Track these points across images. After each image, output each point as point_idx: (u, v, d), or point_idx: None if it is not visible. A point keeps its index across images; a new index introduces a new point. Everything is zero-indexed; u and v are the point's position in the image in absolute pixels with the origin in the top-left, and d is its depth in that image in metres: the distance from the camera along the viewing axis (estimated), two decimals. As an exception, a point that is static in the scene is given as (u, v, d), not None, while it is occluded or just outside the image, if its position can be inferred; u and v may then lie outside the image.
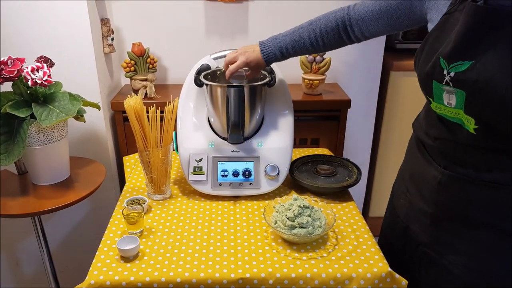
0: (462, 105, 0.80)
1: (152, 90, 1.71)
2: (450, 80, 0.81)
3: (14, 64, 1.21)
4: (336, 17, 1.13)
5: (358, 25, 1.10)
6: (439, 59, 0.82)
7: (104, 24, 1.63)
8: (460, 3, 0.82)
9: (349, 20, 1.11)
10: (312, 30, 1.15)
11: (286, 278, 0.96)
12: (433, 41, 0.87)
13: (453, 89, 0.81)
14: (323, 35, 1.15)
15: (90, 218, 1.79)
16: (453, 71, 0.80)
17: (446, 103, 0.84)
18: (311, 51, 1.20)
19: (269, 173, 1.26)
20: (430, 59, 0.85)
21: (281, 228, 1.06)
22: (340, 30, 1.13)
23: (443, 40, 0.83)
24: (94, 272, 0.97)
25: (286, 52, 1.19)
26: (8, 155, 1.22)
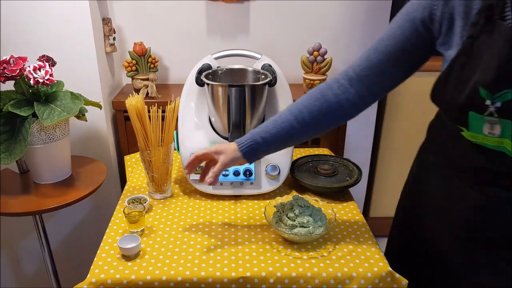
0: (509, 134, 0.75)
1: (153, 90, 1.71)
2: (495, 110, 0.74)
3: (16, 63, 1.22)
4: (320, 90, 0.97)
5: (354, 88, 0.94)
6: (478, 89, 0.74)
7: (105, 23, 1.64)
8: (485, 24, 0.75)
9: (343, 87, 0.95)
10: (294, 106, 0.99)
11: (287, 277, 0.97)
12: (460, 68, 0.79)
13: (497, 119, 0.75)
14: (308, 108, 0.96)
15: (91, 217, 1.79)
16: (499, 101, 0.73)
17: (487, 133, 0.78)
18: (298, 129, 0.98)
19: (270, 173, 1.26)
20: (462, 89, 0.77)
21: (282, 228, 1.06)
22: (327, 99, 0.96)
23: (475, 67, 0.76)
24: (96, 271, 0.98)
25: (265, 134, 0.99)
26: (9, 154, 1.22)
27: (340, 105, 0.95)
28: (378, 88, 0.95)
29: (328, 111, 0.96)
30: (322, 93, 0.96)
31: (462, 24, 0.80)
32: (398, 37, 0.88)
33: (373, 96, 0.96)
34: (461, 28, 0.80)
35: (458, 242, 0.93)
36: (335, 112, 0.97)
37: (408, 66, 0.92)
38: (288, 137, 0.99)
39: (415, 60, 0.92)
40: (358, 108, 0.97)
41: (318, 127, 0.99)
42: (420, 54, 0.90)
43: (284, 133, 0.98)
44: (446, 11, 0.81)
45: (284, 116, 0.98)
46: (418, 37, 0.87)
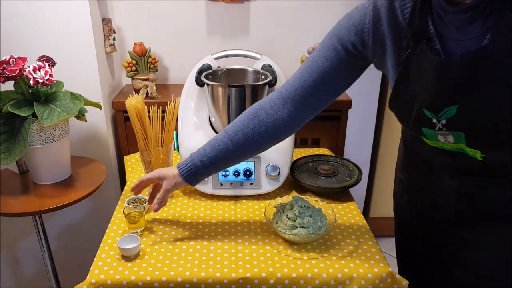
0: (463, 141, 0.79)
1: (153, 90, 1.71)
2: (443, 126, 0.79)
3: (16, 63, 1.21)
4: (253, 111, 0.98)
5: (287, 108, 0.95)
6: (423, 111, 0.80)
7: (105, 23, 1.63)
8: (414, 47, 0.79)
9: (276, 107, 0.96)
10: (229, 128, 0.99)
11: (287, 278, 0.96)
12: (403, 92, 0.84)
13: (448, 132, 0.80)
14: (242, 129, 0.97)
15: (91, 217, 1.79)
16: (443, 119, 0.78)
17: (443, 141, 0.83)
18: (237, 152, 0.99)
19: (270, 173, 1.26)
20: (410, 111, 0.83)
21: (282, 228, 1.06)
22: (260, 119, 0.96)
23: (415, 89, 0.81)
24: (95, 271, 0.97)
25: (204, 157, 0.99)
26: (9, 154, 1.22)
27: (274, 124, 0.97)
28: (311, 107, 0.97)
29: (263, 131, 0.97)
30: (256, 114, 0.98)
31: (395, 49, 0.84)
32: (332, 59, 0.91)
33: (306, 115, 0.98)
34: (394, 53, 0.84)
35: (448, 224, 0.96)
36: (270, 132, 0.98)
37: (341, 85, 0.95)
38: (227, 159, 1.00)
39: (349, 79, 0.95)
40: (292, 127, 0.99)
41: (256, 147, 1.00)
42: (353, 73, 0.95)
43: (222, 156, 0.99)
44: (377, 38, 0.86)
45: (221, 139, 0.99)
46: (351, 60, 0.91)
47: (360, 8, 0.88)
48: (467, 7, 0.70)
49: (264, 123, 0.97)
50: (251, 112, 0.99)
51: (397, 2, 0.82)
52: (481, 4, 0.69)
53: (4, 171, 1.47)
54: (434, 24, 0.78)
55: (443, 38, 0.77)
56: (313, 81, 0.93)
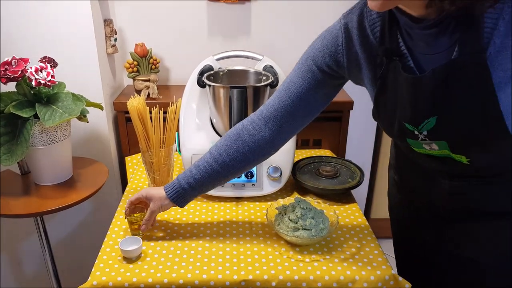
0: (447, 148, 0.81)
1: (154, 91, 1.71)
2: (425, 137, 0.81)
3: (18, 65, 1.21)
4: (236, 130, 1.00)
5: (269, 127, 0.97)
6: (404, 124, 0.82)
7: (107, 24, 1.63)
8: (388, 64, 0.81)
9: (257, 127, 0.98)
10: (214, 149, 1.01)
11: (289, 280, 0.96)
12: (383, 106, 0.86)
13: (431, 141, 0.81)
14: (226, 150, 0.99)
15: (92, 218, 1.79)
16: (424, 130, 0.80)
17: (429, 149, 0.84)
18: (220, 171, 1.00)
19: (272, 174, 1.26)
20: (392, 124, 0.85)
21: (284, 230, 1.06)
22: (244, 139, 0.99)
23: (394, 104, 0.83)
24: (97, 273, 0.97)
25: (191, 178, 1.01)
26: (11, 155, 1.22)
27: (257, 144, 0.99)
28: (292, 126, 0.99)
29: (246, 151, 0.99)
30: (238, 135, 1.00)
31: (370, 67, 0.86)
32: (308, 80, 0.93)
33: (288, 133, 1.01)
34: (369, 71, 0.86)
35: (443, 223, 0.96)
36: (254, 152, 0.99)
37: (321, 103, 0.98)
38: (213, 179, 1.02)
39: (327, 97, 0.98)
40: (276, 145, 1.01)
41: (241, 167, 1.02)
42: (331, 90, 0.97)
43: (208, 176, 1.01)
44: (351, 58, 0.87)
45: (206, 160, 1.01)
46: (327, 78, 0.93)
47: (332, 30, 0.89)
48: (431, 23, 0.71)
49: (247, 143, 0.99)
50: (234, 133, 1.00)
51: (366, 22, 0.83)
52: (444, 20, 0.70)
53: (5, 172, 1.47)
54: (404, 41, 0.79)
55: (414, 54, 0.79)
56: (292, 101, 0.95)
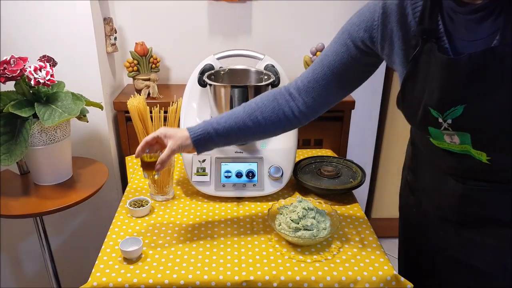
0: (468, 143, 0.79)
1: (155, 90, 1.70)
2: (448, 126, 0.79)
3: (17, 64, 1.20)
4: (273, 92, 1.01)
5: (302, 99, 0.99)
6: (429, 109, 0.80)
7: (107, 23, 1.62)
8: (423, 46, 0.80)
9: (290, 95, 1.00)
10: (248, 104, 1.01)
11: (291, 281, 0.96)
12: (410, 90, 0.85)
13: (454, 132, 0.79)
14: (260, 107, 0.99)
15: (92, 219, 1.78)
16: (449, 118, 0.78)
17: (449, 142, 0.82)
18: (251, 127, 0.99)
19: (273, 174, 1.25)
20: (417, 109, 0.83)
21: (285, 230, 1.05)
22: (280, 103, 0.99)
23: (422, 88, 0.81)
24: (97, 274, 0.96)
25: (217, 125, 0.99)
26: (10, 155, 1.21)
27: (291, 111, 1.00)
28: (324, 99, 0.99)
29: (280, 114, 1.00)
30: (275, 97, 1.00)
31: (403, 47, 0.84)
32: (342, 54, 0.93)
33: (320, 106, 1.00)
34: (402, 51, 0.85)
35: (451, 227, 0.95)
36: (286, 117, 1.00)
37: (353, 81, 0.98)
38: (239, 132, 1.00)
39: (359, 76, 0.97)
40: (307, 116, 1.02)
41: (270, 130, 1.02)
42: (365, 69, 0.96)
43: (236, 128, 0.99)
44: (385, 35, 0.86)
45: (238, 112, 1.00)
46: (362, 55, 0.92)
47: (371, 5, 0.89)
48: (477, 7, 0.70)
49: (282, 107, 0.99)
50: (271, 95, 1.01)
51: (408, 1, 0.82)
52: (490, 5, 0.69)
53: (4, 172, 1.46)
54: (444, 24, 0.78)
55: (453, 38, 0.77)
56: (324, 74, 0.95)
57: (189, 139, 0.99)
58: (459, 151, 0.83)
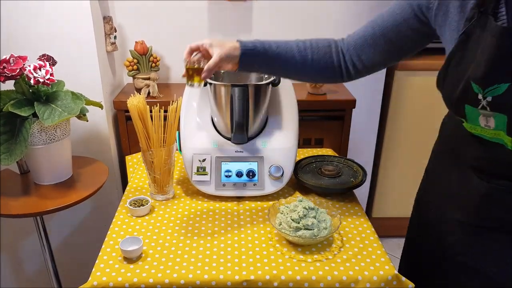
0: (503, 127, 0.77)
1: (154, 89, 1.70)
2: (487, 104, 0.76)
3: (16, 63, 1.20)
4: (328, 40, 1.04)
5: (349, 54, 1.00)
6: (470, 84, 0.77)
7: (106, 22, 1.62)
8: (479, 18, 0.77)
9: (341, 48, 1.02)
10: (302, 40, 1.03)
11: (291, 281, 0.95)
12: (456, 64, 0.82)
13: (491, 112, 0.76)
14: (313, 49, 1.01)
15: (93, 218, 1.78)
16: (489, 96, 0.75)
17: (483, 125, 0.80)
18: (298, 63, 1.02)
19: (273, 174, 1.25)
20: (458, 83, 0.80)
21: (286, 230, 1.05)
22: (332, 51, 1.02)
23: (468, 63, 0.79)
24: (97, 273, 0.96)
25: (269, 50, 1.00)
26: (10, 155, 1.21)
27: (338, 63, 1.02)
28: (369, 60, 1.00)
29: (328, 61, 1.02)
30: (329, 43, 1.03)
31: (457, 19, 0.82)
32: (396, 16, 0.93)
33: (365, 67, 1.01)
34: (456, 23, 0.83)
35: (467, 229, 0.93)
36: (332, 66, 1.02)
37: (399, 49, 0.96)
38: (285, 63, 1.02)
39: (407, 44, 0.95)
40: (350, 74, 1.03)
41: (312, 71, 1.03)
42: (414, 38, 0.94)
43: (284, 57, 1.01)
44: (443, 2, 0.85)
45: (291, 44, 1.02)
46: (415, 21, 0.91)
47: None
48: None
49: (330, 55, 1.02)
50: (327, 41, 1.04)
51: None
52: None
53: (4, 172, 1.46)
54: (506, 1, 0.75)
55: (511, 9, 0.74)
56: (374, 33, 0.96)
57: (238, 50, 0.98)
58: (490, 138, 0.81)
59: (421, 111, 2.04)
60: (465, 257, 0.95)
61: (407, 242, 1.20)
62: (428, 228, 1.06)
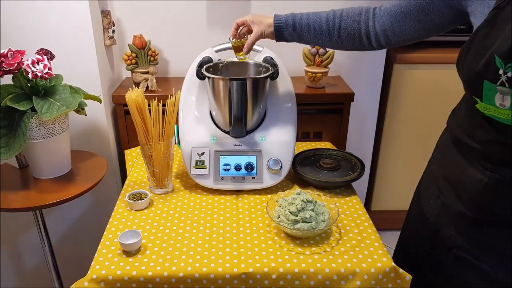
0: None
1: (153, 83, 1.70)
2: (506, 80, 0.76)
3: (14, 57, 1.20)
4: (360, 8, 1.09)
5: (381, 21, 1.04)
6: (494, 57, 0.77)
7: (104, 16, 1.62)
8: None
9: (373, 15, 1.06)
10: (332, 11, 1.11)
11: (289, 273, 0.96)
12: (482, 38, 0.82)
13: (509, 90, 0.76)
14: (342, 16, 1.09)
15: (92, 212, 1.79)
16: (510, 71, 0.75)
17: (498, 104, 0.79)
18: (326, 31, 1.11)
19: (272, 167, 1.25)
20: (481, 58, 0.80)
21: (284, 223, 1.05)
22: (361, 19, 1.07)
23: (496, 37, 0.78)
24: (96, 267, 0.97)
25: (299, 22, 1.12)
26: (9, 149, 1.21)
27: (367, 29, 1.07)
28: (401, 30, 1.03)
29: (358, 27, 1.08)
30: (361, 12, 1.08)
31: None
32: None
33: (393, 36, 1.05)
34: None
35: (466, 221, 0.94)
36: (361, 33, 1.08)
37: (431, 21, 0.98)
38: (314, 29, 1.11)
39: (438, 19, 0.97)
40: (380, 42, 1.08)
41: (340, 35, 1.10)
42: (445, 13, 0.95)
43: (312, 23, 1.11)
44: None
45: (321, 16, 1.11)
46: None
47: None
48: None
49: (360, 23, 1.07)
50: (358, 9, 1.09)
51: None
52: None
53: (3, 166, 1.46)
54: None
55: None
56: (409, 2, 0.99)
57: (271, 27, 1.14)
58: (504, 120, 0.80)
59: (420, 105, 2.04)
60: (461, 250, 0.96)
61: (403, 232, 1.20)
62: (426, 219, 1.06)
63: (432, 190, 1.06)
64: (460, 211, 0.95)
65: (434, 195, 1.04)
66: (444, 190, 1.00)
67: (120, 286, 0.95)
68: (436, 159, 1.08)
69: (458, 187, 0.95)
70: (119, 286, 0.95)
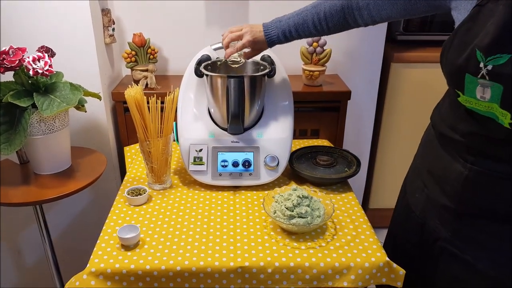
0: (498, 99, 0.78)
1: (152, 81, 1.71)
2: (487, 73, 0.78)
3: (16, 54, 1.22)
4: (341, 1, 1.12)
5: (368, 9, 1.08)
6: (475, 51, 0.79)
7: (105, 14, 1.63)
8: None
9: (357, 5, 1.09)
10: (316, 13, 1.14)
11: (285, 267, 0.98)
12: (464, 33, 0.84)
13: (489, 82, 0.78)
14: (328, 19, 1.14)
15: (91, 207, 1.80)
16: (490, 64, 0.77)
17: (479, 97, 0.82)
18: (315, 34, 1.19)
19: (269, 164, 1.27)
20: (463, 52, 0.83)
21: (280, 218, 1.07)
22: (345, 13, 1.12)
23: (477, 32, 0.81)
24: (95, 260, 0.99)
25: (290, 36, 1.19)
26: (9, 145, 1.22)
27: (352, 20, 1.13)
28: (378, 9, 1.07)
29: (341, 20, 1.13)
30: (341, 5, 1.12)
31: None
32: None
33: (381, 20, 1.10)
34: None
35: (450, 214, 0.96)
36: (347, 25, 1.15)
37: (409, 5, 1.01)
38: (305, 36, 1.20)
39: (423, 6, 0.99)
40: (364, 17, 1.11)
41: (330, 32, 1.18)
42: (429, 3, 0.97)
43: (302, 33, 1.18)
44: None
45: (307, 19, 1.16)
46: None
47: None
48: None
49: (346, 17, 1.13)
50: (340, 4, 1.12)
51: None
52: None
53: (4, 162, 1.48)
54: None
55: None
56: None
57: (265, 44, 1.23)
58: (484, 113, 0.82)
59: (417, 103, 2.05)
60: (446, 242, 0.98)
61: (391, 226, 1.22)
62: (412, 212, 1.09)
63: (417, 184, 1.08)
64: (443, 204, 0.97)
65: (419, 189, 1.06)
66: (429, 184, 1.02)
67: (119, 279, 0.97)
68: (421, 154, 1.11)
69: (441, 181, 0.97)
70: (118, 279, 0.97)
